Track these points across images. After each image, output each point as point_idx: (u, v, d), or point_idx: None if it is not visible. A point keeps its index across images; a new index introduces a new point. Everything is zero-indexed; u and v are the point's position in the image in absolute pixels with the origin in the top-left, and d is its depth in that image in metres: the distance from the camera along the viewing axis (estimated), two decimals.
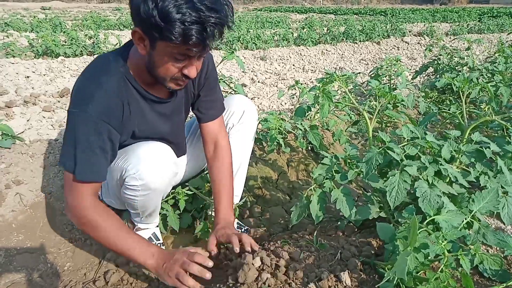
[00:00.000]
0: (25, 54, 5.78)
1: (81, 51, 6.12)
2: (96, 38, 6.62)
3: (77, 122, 1.16)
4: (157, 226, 1.71)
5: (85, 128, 1.16)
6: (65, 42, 6.32)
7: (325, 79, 1.87)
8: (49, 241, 1.61)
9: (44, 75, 4.26)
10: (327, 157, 1.54)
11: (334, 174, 1.48)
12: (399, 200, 1.26)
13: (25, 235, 1.58)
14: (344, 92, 1.88)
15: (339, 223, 1.60)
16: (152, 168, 1.31)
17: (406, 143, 1.45)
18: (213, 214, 1.64)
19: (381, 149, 1.37)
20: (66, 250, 1.61)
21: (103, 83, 1.19)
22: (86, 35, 6.98)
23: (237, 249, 1.27)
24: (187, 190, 1.72)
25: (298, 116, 2.13)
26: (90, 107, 1.15)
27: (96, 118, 1.16)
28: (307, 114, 2.19)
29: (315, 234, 1.43)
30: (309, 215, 1.47)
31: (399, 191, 1.27)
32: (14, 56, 5.48)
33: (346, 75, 1.86)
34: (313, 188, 1.48)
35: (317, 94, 1.90)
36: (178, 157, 1.56)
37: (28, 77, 4.09)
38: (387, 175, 1.31)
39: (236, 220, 1.76)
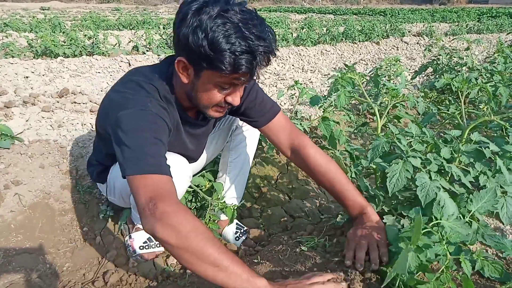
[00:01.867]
0: (24, 54, 5.77)
1: (80, 51, 6.11)
2: (96, 38, 6.62)
3: (136, 121, 1.07)
4: None
5: (149, 121, 1.09)
6: (64, 42, 6.32)
7: (343, 71, 1.90)
8: (48, 241, 1.61)
9: (43, 75, 4.26)
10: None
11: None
12: (398, 187, 1.27)
13: (24, 236, 1.58)
14: (358, 86, 1.89)
15: (337, 219, 1.59)
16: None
17: (413, 139, 1.46)
18: (211, 213, 1.63)
19: (389, 138, 1.37)
20: (65, 251, 1.60)
21: (151, 92, 1.17)
22: (85, 35, 6.97)
23: (358, 265, 1.15)
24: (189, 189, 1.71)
25: (312, 104, 2.12)
26: (149, 106, 1.12)
27: (156, 114, 1.12)
28: (320, 103, 2.15)
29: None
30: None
31: (399, 178, 1.28)
32: (13, 56, 5.47)
33: (360, 73, 1.88)
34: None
35: (337, 79, 1.90)
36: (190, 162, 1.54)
37: (27, 77, 4.08)
38: (390, 163, 1.32)
39: (236, 221, 1.76)
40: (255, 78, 1.12)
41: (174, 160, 1.33)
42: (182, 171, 1.35)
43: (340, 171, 1.38)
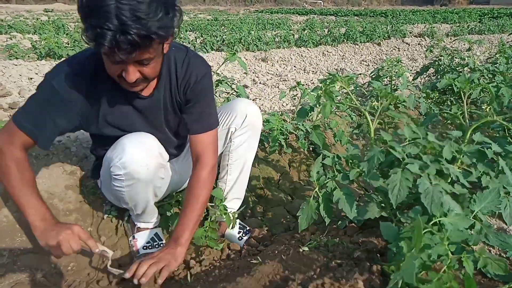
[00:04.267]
0: (28, 56, 5.80)
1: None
2: None
3: (41, 89, 1.28)
4: (159, 226, 1.72)
5: (44, 96, 1.27)
6: (68, 44, 6.35)
7: (327, 80, 1.88)
8: None
9: None
10: (329, 156, 1.55)
11: (336, 173, 1.49)
12: (401, 198, 1.27)
13: (29, 235, 1.58)
14: (346, 92, 1.89)
15: (339, 222, 1.60)
16: (135, 157, 1.31)
17: (407, 143, 1.46)
18: (212, 217, 1.64)
19: (382, 148, 1.37)
20: None
21: (80, 64, 1.28)
22: None
23: (126, 274, 1.25)
24: None
25: (300, 117, 2.14)
26: (56, 80, 1.25)
27: (57, 91, 1.25)
28: (309, 115, 2.20)
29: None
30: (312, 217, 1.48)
31: (401, 188, 1.27)
32: (17, 58, 5.51)
33: (348, 76, 1.87)
34: (317, 190, 1.48)
35: (319, 94, 1.91)
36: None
37: (31, 78, 4.10)
38: (389, 174, 1.32)
39: (238, 221, 1.77)
40: (136, 55, 1.06)
41: (136, 137, 1.36)
42: (144, 147, 1.36)
43: (196, 204, 1.42)
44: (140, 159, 1.33)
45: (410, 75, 4.47)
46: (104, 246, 1.36)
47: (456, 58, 3.84)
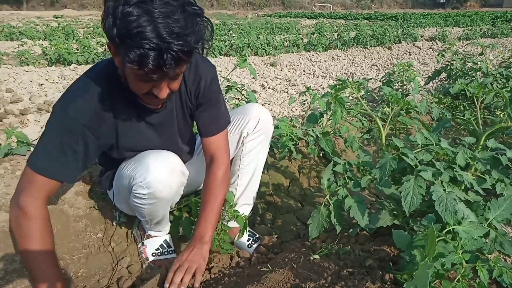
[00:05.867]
0: (39, 62, 5.89)
1: (93, 58, 6.21)
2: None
3: (54, 120, 1.19)
4: (168, 233, 1.71)
5: (60, 128, 1.18)
6: (77, 50, 6.44)
7: (337, 86, 1.87)
8: (63, 247, 1.62)
9: (57, 82, 4.34)
10: (340, 163, 1.53)
11: (347, 181, 1.47)
12: (414, 205, 1.25)
13: None
14: (356, 98, 1.87)
15: (351, 230, 1.58)
16: (160, 178, 1.31)
17: (420, 149, 1.44)
18: (223, 222, 1.63)
19: (395, 154, 1.35)
20: (79, 257, 1.62)
21: (89, 89, 1.21)
22: (97, 42, 7.09)
23: (166, 285, 1.25)
24: (199, 198, 1.72)
25: (310, 123, 2.13)
26: (71, 108, 1.17)
27: (74, 120, 1.17)
28: (319, 120, 2.19)
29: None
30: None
31: (414, 196, 1.26)
32: (28, 64, 5.60)
33: (358, 81, 1.86)
34: (328, 198, 1.47)
35: (329, 101, 1.89)
36: None
37: (41, 84, 4.16)
38: (402, 181, 1.30)
39: (248, 228, 1.75)
40: (176, 74, 1.07)
41: (160, 156, 1.34)
42: (169, 167, 1.34)
43: (215, 202, 1.45)
44: (164, 180, 1.32)
45: (422, 80, 4.42)
46: None
47: (468, 62, 3.79)
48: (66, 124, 1.18)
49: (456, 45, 4.33)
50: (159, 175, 1.31)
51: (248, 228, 1.75)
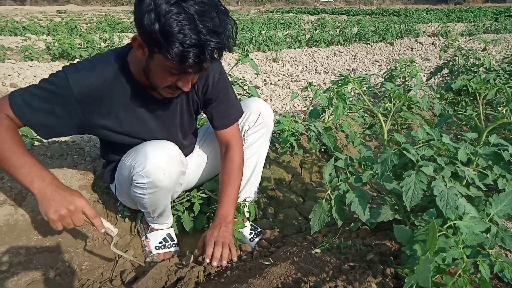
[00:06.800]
0: (43, 57, 5.90)
1: (96, 53, 6.22)
2: (111, 41, 6.73)
3: (53, 79, 1.22)
4: (171, 227, 1.73)
5: (54, 87, 1.20)
6: (81, 45, 6.45)
7: (339, 81, 1.87)
8: (67, 240, 1.64)
9: None
10: (341, 158, 1.54)
11: (349, 176, 1.48)
12: (416, 200, 1.25)
13: (44, 235, 1.61)
14: (358, 93, 1.88)
15: (352, 224, 1.59)
16: (158, 166, 1.33)
17: (421, 144, 1.44)
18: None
19: (396, 150, 1.36)
20: (83, 249, 1.63)
21: (96, 68, 1.24)
22: (101, 38, 7.09)
23: (207, 260, 1.35)
24: (201, 193, 1.74)
25: (312, 118, 2.13)
26: (73, 76, 1.20)
27: (69, 88, 1.20)
28: (321, 116, 2.19)
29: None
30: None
31: (415, 191, 1.26)
32: (32, 59, 5.61)
33: (360, 77, 1.86)
34: (330, 192, 1.47)
35: (331, 96, 1.90)
36: None
37: None
38: (403, 176, 1.31)
39: (250, 222, 1.77)
40: (206, 69, 1.13)
41: (159, 145, 1.37)
42: (167, 156, 1.36)
43: (236, 185, 1.57)
44: (163, 168, 1.35)
45: (424, 76, 4.41)
46: (109, 223, 1.34)
47: (471, 58, 3.78)
48: (61, 88, 1.20)
49: (458, 41, 4.32)
50: (158, 163, 1.33)
51: (250, 222, 1.76)
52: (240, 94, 2.73)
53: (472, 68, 3.62)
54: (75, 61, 1.34)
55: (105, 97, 1.28)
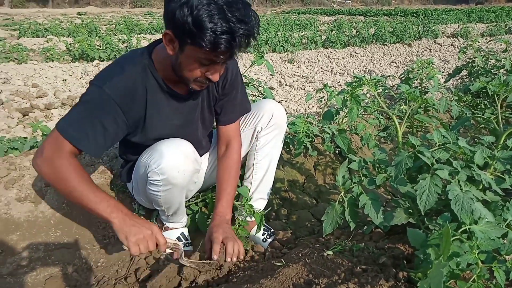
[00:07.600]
0: (63, 58, 6.05)
1: (115, 55, 6.34)
2: (129, 42, 6.85)
3: (89, 94, 1.27)
4: (186, 226, 1.75)
5: (94, 102, 1.26)
6: (100, 46, 6.58)
7: (354, 83, 1.86)
8: (84, 237, 1.68)
9: (80, 78, 4.45)
10: (355, 161, 1.54)
11: (362, 178, 1.47)
12: (430, 204, 1.24)
13: (62, 231, 1.66)
14: (373, 95, 1.86)
15: (365, 227, 1.58)
16: (173, 163, 1.37)
17: (437, 147, 1.43)
18: (239, 217, 1.67)
19: (411, 152, 1.35)
20: (99, 247, 1.67)
21: (125, 70, 1.31)
22: (119, 39, 7.22)
23: (215, 257, 1.35)
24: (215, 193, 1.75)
25: (326, 120, 2.13)
26: (107, 85, 1.26)
27: (109, 96, 1.26)
28: (335, 117, 2.19)
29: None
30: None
31: (430, 195, 1.25)
32: (52, 60, 5.75)
33: (375, 79, 1.84)
34: (343, 195, 1.47)
35: (345, 98, 1.89)
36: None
37: (65, 80, 4.28)
38: (417, 179, 1.29)
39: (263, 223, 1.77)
40: (234, 57, 1.23)
41: (174, 143, 1.40)
42: (182, 154, 1.39)
43: (235, 183, 1.60)
44: (177, 165, 1.38)
45: (442, 77, 4.34)
46: (170, 239, 1.37)
47: (491, 59, 3.69)
48: (100, 100, 1.26)
49: (478, 42, 4.23)
50: (172, 160, 1.36)
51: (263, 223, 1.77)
52: (255, 95, 2.74)
53: (492, 70, 3.54)
54: (93, 63, 1.38)
55: (139, 96, 1.35)
